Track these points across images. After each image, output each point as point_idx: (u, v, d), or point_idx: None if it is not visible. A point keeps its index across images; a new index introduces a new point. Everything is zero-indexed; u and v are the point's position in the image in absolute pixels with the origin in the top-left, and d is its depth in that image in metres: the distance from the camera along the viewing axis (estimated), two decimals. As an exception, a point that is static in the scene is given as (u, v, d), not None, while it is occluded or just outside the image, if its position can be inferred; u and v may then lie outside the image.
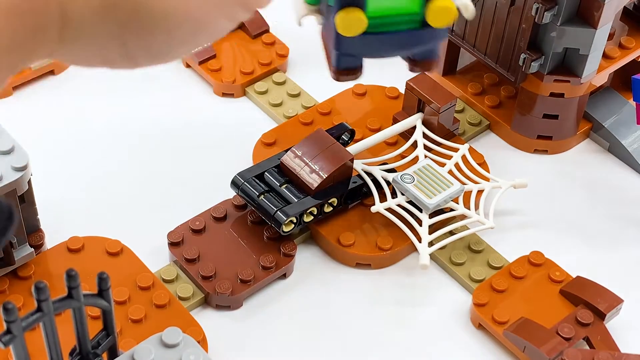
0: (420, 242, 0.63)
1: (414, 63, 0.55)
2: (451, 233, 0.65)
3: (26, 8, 0.33)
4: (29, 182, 0.59)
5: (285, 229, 0.63)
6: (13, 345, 0.40)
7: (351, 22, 0.51)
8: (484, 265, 0.65)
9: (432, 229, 0.64)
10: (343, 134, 0.68)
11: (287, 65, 0.79)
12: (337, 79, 0.56)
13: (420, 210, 0.65)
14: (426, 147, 0.69)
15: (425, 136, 0.70)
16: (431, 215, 0.65)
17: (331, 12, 0.52)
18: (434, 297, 0.64)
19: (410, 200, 0.65)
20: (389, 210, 0.65)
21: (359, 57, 0.55)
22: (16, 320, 0.39)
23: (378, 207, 0.65)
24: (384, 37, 0.53)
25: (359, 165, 0.67)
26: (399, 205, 0.65)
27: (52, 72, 0.77)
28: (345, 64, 0.55)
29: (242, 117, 0.75)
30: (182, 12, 0.36)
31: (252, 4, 0.39)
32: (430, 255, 0.63)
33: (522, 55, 0.68)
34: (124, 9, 0.35)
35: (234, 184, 0.65)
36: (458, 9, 0.54)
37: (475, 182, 0.67)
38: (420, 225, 0.64)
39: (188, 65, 0.79)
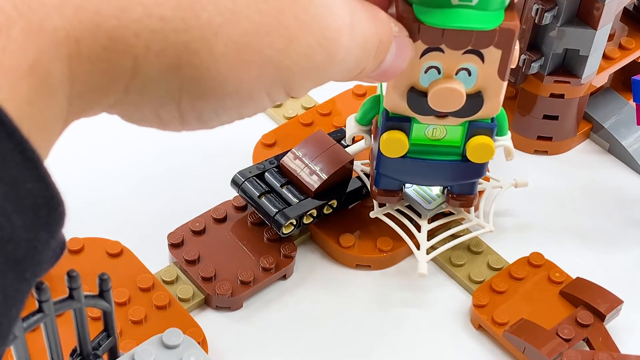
0: (418, 249, 0.63)
1: (452, 196, 0.60)
2: (450, 237, 0.65)
3: (105, 57, 0.35)
4: (29, 183, 0.59)
5: (285, 230, 0.63)
6: (14, 346, 0.40)
7: (394, 145, 0.55)
8: (484, 266, 0.65)
9: (431, 233, 0.64)
10: (343, 138, 0.68)
11: (287, 66, 0.79)
12: (375, 198, 0.61)
13: (419, 215, 0.65)
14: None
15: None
16: (430, 220, 0.65)
17: (378, 134, 0.56)
18: (433, 299, 0.64)
19: (409, 205, 0.65)
20: (388, 215, 0.64)
21: (399, 180, 0.59)
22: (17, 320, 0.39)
23: (377, 212, 0.64)
24: (424, 165, 0.57)
25: (358, 167, 0.67)
26: (397, 210, 0.65)
27: (52, 73, 0.77)
28: (384, 185, 0.60)
29: (242, 118, 0.75)
30: (235, 83, 0.38)
31: (291, 91, 0.41)
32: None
33: (522, 56, 0.68)
34: (186, 71, 0.37)
35: (234, 182, 0.65)
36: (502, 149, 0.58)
37: (475, 183, 0.67)
38: (419, 230, 0.64)
39: (188, 66, 0.79)
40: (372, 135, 0.60)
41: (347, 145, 0.68)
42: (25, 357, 0.41)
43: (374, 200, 0.65)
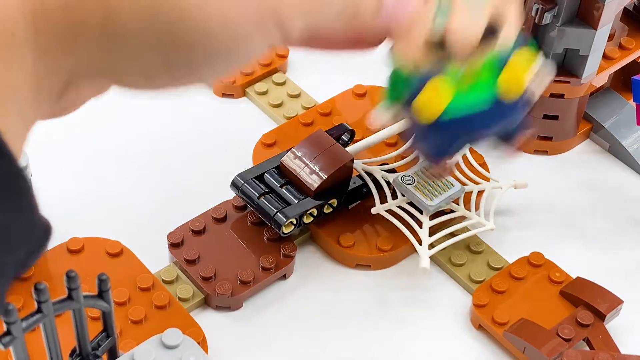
0: (420, 244, 0.63)
1: (505, 142, 0.56)
2: (451, 235, 0.65)
3: (71, 5, 0.33)
4: (29, 183, 0.59)
5: (285, 230, 0.63)
6: (13, 347, 0.40)
7: (429, 103, 0.51)
8: (484, 266, 0.65)
9: (433, 230, 0.64)
10: (343, 134, 0.68)
11: (287, 65, 0.79)
12: (435, 174, 0.59)
13: (421, 212, 0.65)
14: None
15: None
16: (431, 217, 0.65)
17: (410, 102, 0.52)
18: (434, 298, 0.64)
19: (411, 202, 0.65)
20: (389, 211, 0.65)
21: (446, 146, 0.55)
22: (16, 321, 0.39)
23: (378, 208, 0.65)
24: (463, 121, 0.53)
25: (359, 166, 0.67)
26: (399, 207, 0.65)
27: (52, 73, 0.77)
28: (436, 155, 0.56)
29: (242, 117, 0.75)
30: (220, 20, 0.36)
31: (283, 25, 0.38)
32: (430, 257, 0.63)
33: (522, 56, 0.68)
34: (165, 17, 0.35)
35: (234, 185, 0.65)
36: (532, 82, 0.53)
37: (476, 183, 0.67)
38: (421, 227, 0.64)
39: (188, 66, 0.79)
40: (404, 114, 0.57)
41: (347, 143, 0.68)
42: (24, 357, 0.41)
43: (375, 198, 0.65)
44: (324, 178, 0.64)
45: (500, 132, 0.55)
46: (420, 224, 0.64)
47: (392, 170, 0.67)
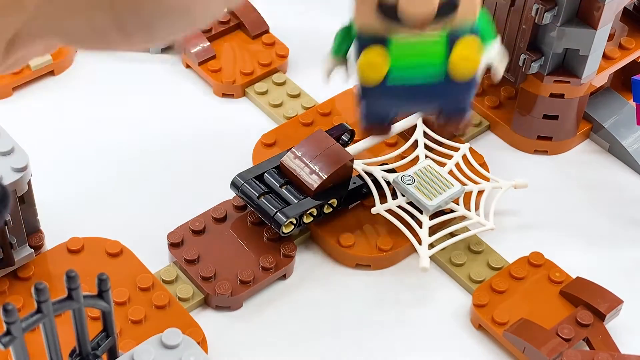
0: (420, 244, 0.63)
1: (443, 120, 0.54)
2: (451, 235, 0.65)
3: None
4: (29, 183, 0.59)
5: (285, 230, 0.63)
6: (13, 347, 0.40)
7: (372, 65, 0.50)
8: (484, 266, 0.65)
9: (432, 230, 0.64)
10: (343, 134, 0.68)
11: (287, 65, 0.79)
12: (367, 134, 0.55)
13: (421, 212, 0.65)
14: (427, 147, 0.69)
15: (425, 135, 0.70)
16: (431, 217, 0.65)
17: (354, 61, 0.51)
18: (433, 298, 0.64)
19: (411, 202, 0.65)
20: (389, 211, 0.65)
21: (385, 111, 0.54)
22: (16, 321, 0.39)
23: (378, 208, 0.65)
24: (407, 90, 0.52)
25: (359, 166, 0.67)
26: (399, 207, 0.65)
27: (52, 73, 0.77)
28: (372, 118, 0.55)
29: (242, 117, 0.75)
30: None
31: None
32: (430, 257, 0.63)
33: (522, 56, 0.68)
34: None
35: (234, 185, 0.65)
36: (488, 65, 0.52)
37: (476, 183, 0.67)
38: (421, 227, 0.64)
39: (188, 66, 0.79)
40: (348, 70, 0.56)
41: (347, 143, 0.68)
42: (24, 357, 0.41)
43: (375, 198, 0.65)
44: (324, 178, 0.64)
45: (442, 108, 0.54)
46: (420, 224, 0.64)
47: (392, 170, 0.67)
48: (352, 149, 0.67)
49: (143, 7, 0.34)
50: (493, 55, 0.53)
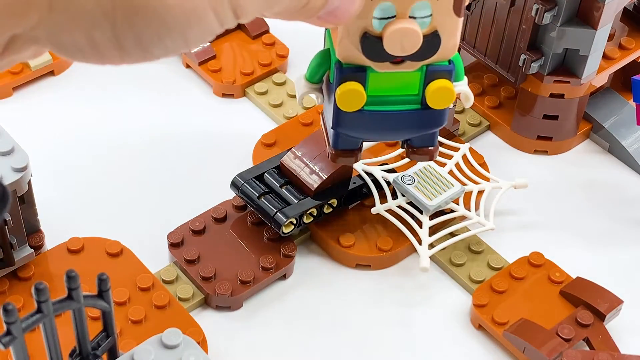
0: (420, 244, 0.63)
1: (412, 150, 0.55)
2: (451, 235, 0.65)
3: None
4: (29, 183, 0.59)
5: (285, 230, 0.63)
6: (13, 347, 0.40)
7: (351, 97, 0.51)
8: (484, 266, 0.65)
9: (433, 230, 0.64)
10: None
11: (287, 65, 0.79)
12: (334, 160, 0.55)
13: (421, 212, 0.65)
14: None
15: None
16: (431, 217, 0.65)
17: (332, 90, 0.52)
18: (434, 298, 0.64)
19: (411, 202, 0.65)
20: (389, 211, 0.65)
21: (357, 137, 0.54)
22: (16, 321, 0.39)
23: (378, 208, 0.65)
24: (382, 117, 0.52)
25: (359, 166, 0.67)
26: (399, 207, 0.65)
27: (52, 73, 0.77)
28: (343, 144, 0.55)
29: (242, 117, 0.75)
30: (175, 1, 0.35)
31: (238, 8, 0.38)
32: (430, 257, 0.63)
33: (522, 56, 0.68)
34: None
35: (234, 185, 0.65)
36: (458, 95, 0.53)
37: (476, 183, 0.67)
38: (421, 227, 0.64)
39: (188, 66, 0.79)
40: (323, 94, 0.56)
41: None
42: (24, 357, 0.41)
43: (375, 198, 0.65)
44: (324, 178, 0.64)
45: (413, 137, 0.54)
46: (420, 224, 0.64)
47: (392, 170, 0.67)
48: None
49: (144, 29, 0.36)
50: (465, 89, 0.54)
